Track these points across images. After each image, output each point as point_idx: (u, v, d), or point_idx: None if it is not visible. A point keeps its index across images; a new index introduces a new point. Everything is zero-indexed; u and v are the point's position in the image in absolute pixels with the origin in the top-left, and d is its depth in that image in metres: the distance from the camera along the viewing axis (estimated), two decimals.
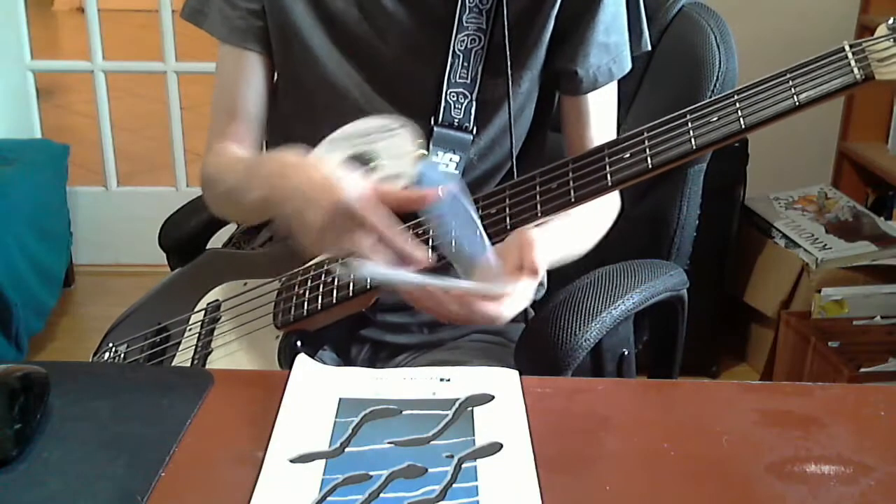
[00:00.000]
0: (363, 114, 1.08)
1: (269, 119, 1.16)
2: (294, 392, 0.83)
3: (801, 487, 0.71)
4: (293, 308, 1.00)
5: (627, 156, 0.91)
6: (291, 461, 0.73)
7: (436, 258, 0.89)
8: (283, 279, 1.04)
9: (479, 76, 1.05)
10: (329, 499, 0.69)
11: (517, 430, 0.77)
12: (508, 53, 1.02)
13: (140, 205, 2.89)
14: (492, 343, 1.17)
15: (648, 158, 0.90)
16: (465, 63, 1.04)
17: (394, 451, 0.74)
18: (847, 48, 0.87)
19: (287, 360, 0.97)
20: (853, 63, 0.87)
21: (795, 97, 0.87)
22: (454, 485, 0.70)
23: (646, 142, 0.91)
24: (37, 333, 2.45)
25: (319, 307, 0.98)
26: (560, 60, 1.06)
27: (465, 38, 1.04)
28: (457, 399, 0.82)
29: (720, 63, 1.19)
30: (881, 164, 2.54)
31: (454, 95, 1.05)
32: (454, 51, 1.04)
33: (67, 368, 0.90)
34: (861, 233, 2.35)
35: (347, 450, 0.75)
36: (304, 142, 1.08)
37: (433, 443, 0.76)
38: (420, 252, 0.85)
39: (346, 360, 1.14)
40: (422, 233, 0.94)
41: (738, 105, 0.89)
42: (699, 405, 0.84)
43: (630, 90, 1.31)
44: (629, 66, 1.09)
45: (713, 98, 0.91)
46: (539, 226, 0.94)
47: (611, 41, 1.06)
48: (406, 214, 0.89)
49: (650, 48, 1.11)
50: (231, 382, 0.87)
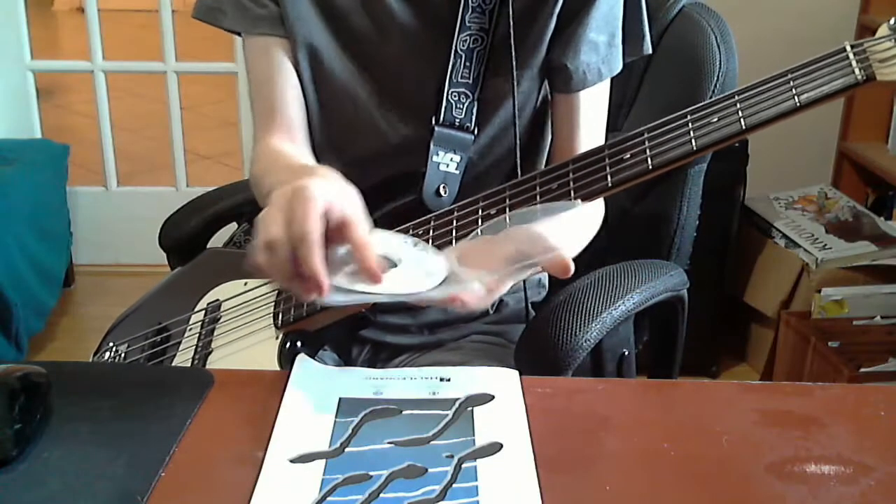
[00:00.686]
0: (363, 111, 1.08)
1: None
2: (294, 392, 0.83)
3: (801, 487, 0.71)
4: (293, 308, 1.00)
5: (628, 156, 0.91)
6: (291, 461, 0.73)
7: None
8: None
9: (481, 76, 1.05)
10: (329, 499, 0.69)
11: (517, 430, 0.77)
12: (514, 53, 1.02)
13: (140, 205, 2.89)
14: (492, 343, 1.17)
15: (649, 159, 0.90)
16: (468, 63, 1.04)
17: (394, 451, 0.74)
18: (848, 49, 0.87)
19: (287, 361, 0.97)
20: (854, 64, 0.86)
21: (796, 98, 0.87)
22: (454, 485, 0.70)
23: (646, 142, 0.91)
24: (37, 333, 2.45)
25: (319, 307, 0.98)
26: (551, 55, 1.06)
27: (468, 38, 1.04)
28: (457, 399, 0.82)
29: (720, 63, 1.19)
30: (881, 164, 2.54)
31: (455, 95, 1.04)
32: (456, 50, 1.03)
33: (67, 368, 0.90)
34: (861, 233, 2.35)
35: (347, 450, 0.75)
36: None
37: (433, 443, 0.76)
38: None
39: (347, 361, 1.14)
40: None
41: (739, 106, 0.89)
42: (699, 405, 0.84)
43: (630, 90, 1.31)
44: (619, 68, 1.08)
45: (713, 99, 0.91)
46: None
47: (601, 40, 1.05)
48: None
49: (651, 52, 1.11)
50: (231, 382, 0.87)
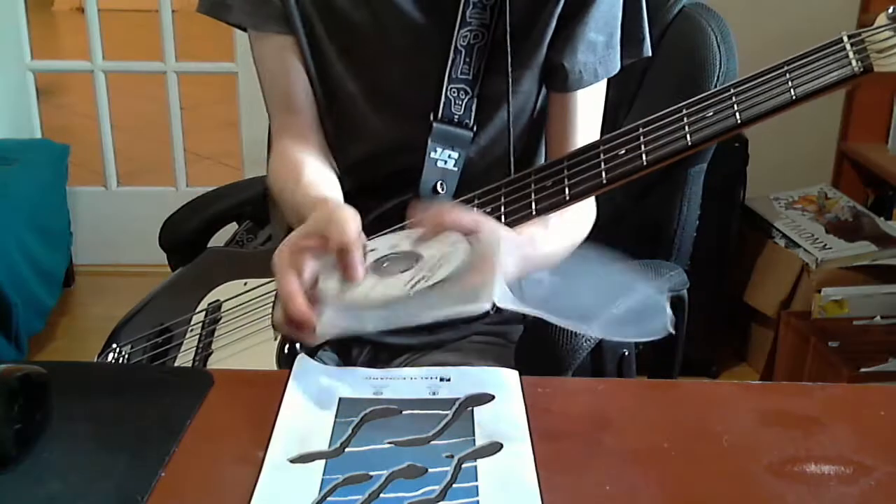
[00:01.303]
0: (362, 106, 1.07)
1: None
2: (294, 392, 0.83)
3: (801, 487, 0.71)
4: None
5: (622, 152, 0.90)
6: (291, 461, 0.73)
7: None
8: None
9: (481, 72, 1.04)
10: (329, 499, 0.69)
11: (517, 430, 0.77)
12: (510, 50, 1.02)
13: (140, 205, 2.89)
14: (492, 343, 1.17)
15: (643, 155, 0.89)
16: (467, 59, 1.04)
17: (394, 451, 0.74)
18: (846, 39, 0.85)
19: (286, 362, 0.96)
20: (851, 55, 0.84)
21: (792, 90, 0.85)
22: (454, 485, 0.70)
23: (641, 138, 0.90)
24: (37, 333, 2.45)
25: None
26: (549, 53, 1.06)
27: (468, 34, 1.03)
28: (457, 399, 0.82)
29: (720, 63, 1.19)
30: (881, 164, 2.54)
31: (455, 91, 1.04)
32: (456, 46, 1.03)
33: (67, 368, 0.90)
34: (861, 233, 2.35)
35: (347, 450, 0.75)
36: None
37: (433, 443, 0.76)
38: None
39: (347, 362, 1.14)
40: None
41: (735, 99, 0.87)
42: (699, 405, 0.84)
43: (630, 90, 1.31)
44: (617, 69, 1.07)
45: (709, 92, 0.89)
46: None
47: (599, 41, 1.04)
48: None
49: (651, 54, 1.11)
50: (231, 382, 0.87)
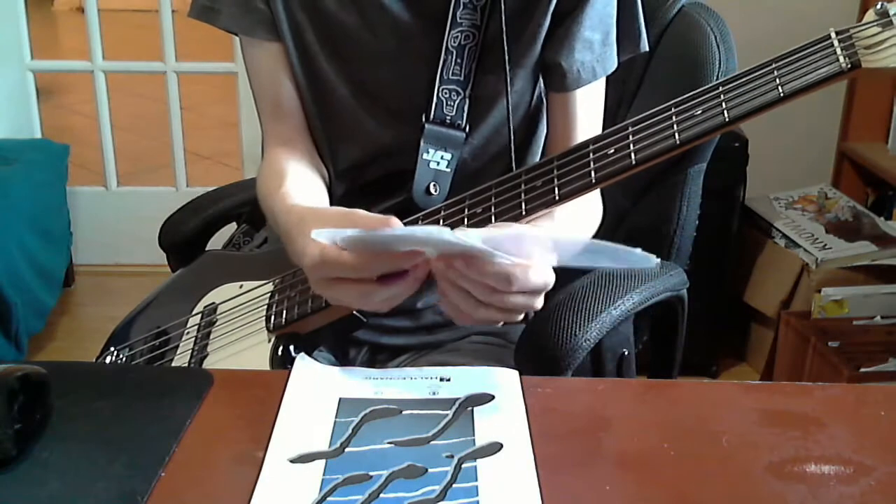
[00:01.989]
0: (353, 109, 1.07)
1: None
2: (294, 392, 0.83)
3: (801, 487, 0.71)
4: (285, 311, 0.99)
5: (611, 151, 0.90)
6: (291, 461, 0.73)
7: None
8: (277, 281, 1.04)
9: (473, 73, 1.04)
10: (329, 499, 0.69)
11: (517, 430, 0.77)
12: (507, 50, 1.02)
13: (140, 205, 2.89)
14: (492, 343, 1.17)
15: (632, 154, 0.89)
16: (459, 60, 1.03)
17: (394, 451, 0.74)
18: (833, 35, 0.85)
19: (279, 365, 0.96)
20: (839, 51, 0.84)
21: (780, 87, 0.85)
22: (454, 485, 0.70)
23: (630, 137, 0.90)
24: (37, 333, 2.45)
25: (309, 310, 0.97)
26: (546, 53, 1.06)
27: (459, 35, 1.03)
28: (457, 399, 0.82)
29: (720, 63, 1.19)
30: (881, 164, 2.54)
31: (446, 92, 1.04)
32: (447, 47, 1.03)
33: (67, 368, 0.90)
34: (861, 233, 2.35)
35: (347, 450, 0.75)
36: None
37: (433, 443, 0.76)
38: (408, 258, 0.80)
39: (344, 363, 1.14)
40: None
41: (723, 97, 0.87)
42: (699, 405, 0.84)
43: (630, 90, 1.31)
44: (614, 66, 1.07)
45: (698, 90, 0.88)
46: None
47: (596, 39, 1.04)
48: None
49: (648, 50, 1.11)
50: (231, 382, 0.87)
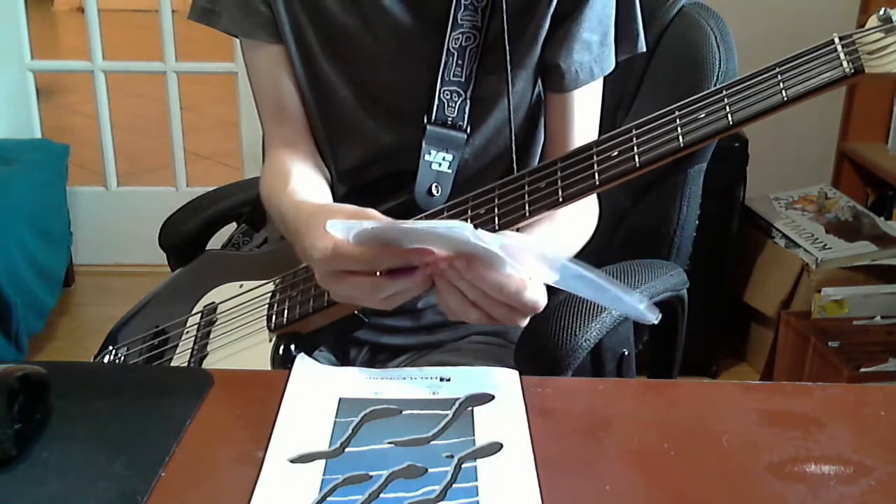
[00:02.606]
0: (354, 111, 1.08)
1: None
2: (294, 392, 0.83)
3: (801, 487, 0.71)
4: (286, 311, 1.00)
5: (615, 154, 0.90)
6: (291, 461, 0.73)
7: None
8: (278, 281, 1.04)
9: (474, 74, 1.04)
10: (329, 499, 0.69)
11: (517, 430, 0.77)
12: (508, 52, 1.02)
13: (140, 205, 2.89)
14: (492, 343, 1.17)
15: (636, 157, 0.89)
16: (460, 61, 1.04)
17: (394, 451, 0.74)
18: (837, 41, 0.85)
19: (280, 364, 0.96)
20: (843, 56, 0.84)
21: (784, 92, 0.85)
22: (454, 485, 0.70)
23: (634, 139, 0.90)
24: (37, 333, 2.45)
25: (311, 310, 0.97)
26: (544, 54, 1.06)
27: (460, 36, 1.03)
28: (457, 399, 0.82)
29: (720, 63, 1.19)
30: (881, 164, 2.54)
31: (448, 93, 1.04)
32: (448, 48, 1.03)
33: (67, 368, 0.90)
34: (861, 233, 2.35)
35: (347, 450, 0.75)
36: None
37: (433, 443, 0.76)
38: (419, 255, 0.82)
39: (345, 363, 1.14)
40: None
41: (727, 101, 0.87)
42: (699, 405, 0.84)
43: (630, 90, 1.31)
44: (612, 67, 1.08)
45: (702, 94, 0.89)
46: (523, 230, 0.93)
47: (594, 39, 1.05)
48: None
49: (645, 50, 1.11)
50: (231, 382, 0.87)
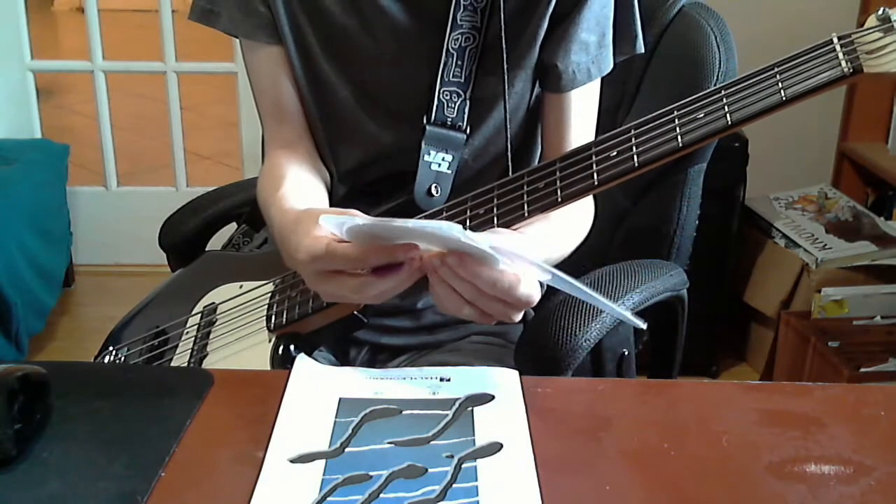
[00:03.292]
0: (354, 112, 1.08)
1: None
2: (294, 392, 0.83)
3: (801, 487, 0.71)
4: (286, 311, 1.00)
5: (614, 154, 0.90)
6: (291, 461, 0.73)
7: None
8: (278, 281, 1.04)
9: (474, 75, 1.04)
10: (329, 499, 0.69)
11: (517, 430, 0.77)
12: (505, 52, 1.02)
13: (140, 205, 2.89)
14: (492, 344, 1.17)
15: (635, 157, 0.89)
16: (459, 62, 1.04)
17: (394, 451, 0.74)
18: (836, 40, 0.85)
19: (279, 365, 0.97)
20: (841, 56, 0.84)
21: (782, 92, 0.85)
22: (454, 485, 0.70)
23: (632, 139, 0.90)
24: (37, 333, 2.45)
25: (310, 310, 0.97)
26: (542, 54, 1.06)
27: (460, 37, 1.03)
28: (457, 399, 0.82)
29: (720, 63, 1.19)
30: (881, 164, 2.54)
31: (447, 94, 1.04)
32: (448, 49, 1.03)
33: (67, 368, 0.90)
34: (861, 233, 2.35)
35: (347, 450, 0.75)
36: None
37: (433, 443, 0.76)
38: (406, 251, 0.82)
39: (345, 363, 1.14)
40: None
41: (726, 101, 0.87)
42: (699, 405, 0.84)
43: (630, 90, 1.31)
44: (609, 68, 1.08)
45: (701, 94, 0.89)
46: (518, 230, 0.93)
47: (592, 40, 1.05)
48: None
49: (643, 51, 1.11)
50: (231, 382, 0.87)
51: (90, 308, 2.76)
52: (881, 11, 0.84)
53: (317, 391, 0.83)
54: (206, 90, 4.20)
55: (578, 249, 1.07)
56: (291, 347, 0.98)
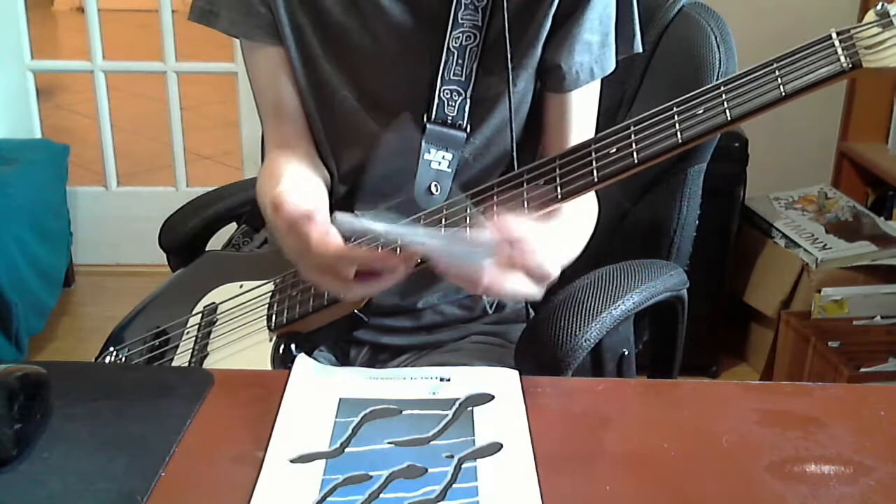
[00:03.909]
0: (355, 110, 1.08)
1: None
2: (294, 392, 0.83)
3: (801, 487, 0.71)
4: (286, 311, 1.00)
5: (614, 150, 0.90)
6: (291, 461, 0.73)
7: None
8: (278, 281, 1.04)
9: (474, 74, 1.04)
10: (329, 499, 0.69)
11: (517, 430, 0.77)
12: (509, 51, 1.02)
13: (140, 205, 2.89)
14: (492, 344, 1.17)
15: (634, 153, 0.89)
16: (460, 60, 1.04)
17: (394, 451, 0.74)
18: (834, 35, 0.85)
19: (280, 364, 0.97)
20: (840, 51, 0.84)
21: (781, 87, 0.85)
22: (454, 485, 0.70)
23: (632, 136, 0.90)
24: (37, 333, 2.45)
25: (311, 309, 0.97)
26: (545, 54, 1.06)
27: (460, 35, 1.03)
28: (457, 399, 0.82)
29: (720, 63, 1.19)
30: (881, 164, 2.54)
31: (448, 93, 1.04)
32: (449, 47, 1.03)
33: (67, 368, 0.90)
34: (861, 233, 2.35)
35: (347, 450, 0.75)
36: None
37: (433, 443, 0.76)
38: (397, 259, 0.84)
39: (345, 363, 1.14)
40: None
41: (725, 97, 0.87)
42: (699, 405, 0.84)
43: (630, 90, 1.31)
44: (612, 68, 1.08)
45: (700, 90, 0.89)
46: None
47: (595, 40, 1.05)
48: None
49: (642, 51, 1.10)
50: (231, 382, 0.87)
51: (90, 308, 2.76)
52: (880, 6, 0.84)
53: (317, 391, 0.83)
54: (206, 90, 4.20)
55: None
56: (292, 347, 0.98)
